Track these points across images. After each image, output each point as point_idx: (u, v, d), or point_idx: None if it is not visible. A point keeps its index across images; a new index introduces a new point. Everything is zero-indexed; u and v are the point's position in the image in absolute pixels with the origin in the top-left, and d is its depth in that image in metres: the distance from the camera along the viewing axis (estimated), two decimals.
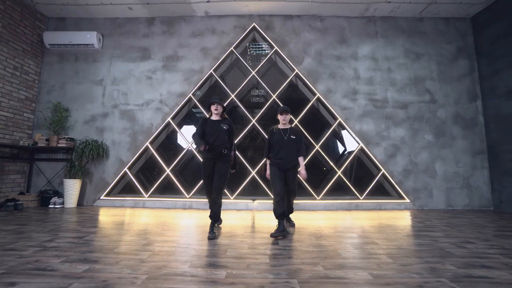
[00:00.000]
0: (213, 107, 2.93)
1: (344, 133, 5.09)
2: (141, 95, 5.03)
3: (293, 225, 3.21)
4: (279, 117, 3.11)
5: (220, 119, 2.96)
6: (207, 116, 3.18)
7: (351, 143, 5.04)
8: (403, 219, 3.69)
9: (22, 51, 4.69)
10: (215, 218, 2.73)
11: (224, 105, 3.31)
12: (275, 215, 2.76)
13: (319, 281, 1.59)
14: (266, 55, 5.21)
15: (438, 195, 4.69)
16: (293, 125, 3.46)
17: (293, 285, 1.53)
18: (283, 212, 2.74)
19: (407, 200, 4.66)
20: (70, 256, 1.94)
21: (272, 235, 2.57)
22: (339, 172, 4.73)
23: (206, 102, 5.22)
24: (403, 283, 1.58)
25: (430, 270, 1.79)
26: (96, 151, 4.59)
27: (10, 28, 4.46)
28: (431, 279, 1.64)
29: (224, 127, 2.87)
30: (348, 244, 2.39)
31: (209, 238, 2.52)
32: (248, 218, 3.70)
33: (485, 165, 4.78)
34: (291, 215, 3.35)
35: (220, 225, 3.12)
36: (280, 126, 3.13)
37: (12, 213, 3.71)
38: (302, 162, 3.04)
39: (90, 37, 4.96)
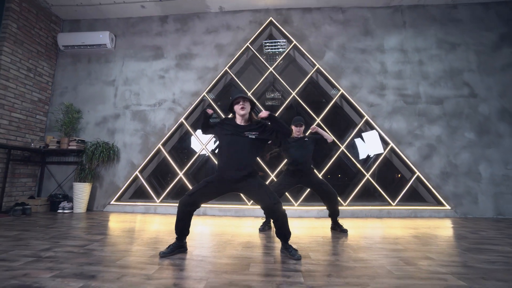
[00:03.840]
0: (238, 107, 2.03)
1: (371, 132, 4.62)
2: (153, 95, 4.82)
3: (344, 231, 2.86)
4: (294, 128, 2.96)
5: (246, 124, 2.09)
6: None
7: (379, 143, 4.56)
8: (448, 229, 3.17)
9: (37, 52, 4.62)
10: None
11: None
12: None
13: None
14: (283, 52, 4.87)
15: (484, 201, 4.10)
16: (314, 125, 3.22)
17: None
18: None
19: (448, 207, 4.09)
20: (64, 270, 1.63)
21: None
22: (367, 175, 4.25)
23: (221, 102, 4.95)
24: None
25: None
26: (107, 154, 4.38)
27: (25, 29, 4.40)
28: None
29: (250, 136, 2.01)
30: (396, 259, 1.95)
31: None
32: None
33: None
34: (341, 221, 3.05)
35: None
36: (294, 135, 2.98)
37: (20, 218, 3.51)
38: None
39: (103, 37, 4.85)
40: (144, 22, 5.12)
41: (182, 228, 2.03)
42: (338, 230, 2.93)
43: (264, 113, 2.01)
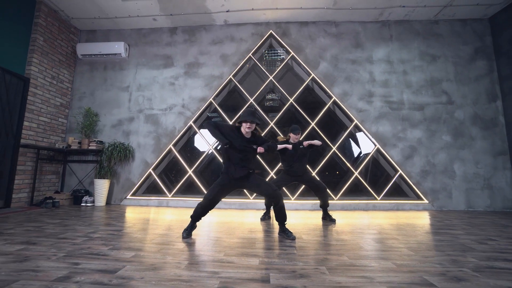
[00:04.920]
0: (246, 125, 2.49)
1: (360, 135, 5.17)
2: (164, 100, 5.32)
3: (333, 220, 3.45)
4: (292, 135, 3.40)
5: (249, 137, 2.58)
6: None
7: (367, 144, 5.12)
8: (422, 219, 3.73)
9: (59, 61, 5.10)
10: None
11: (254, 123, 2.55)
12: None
13: (345, 268, 1.73)
14: (282, 60, 5.40)
15: (457, 196, 4.68)
16: (309, 129, 3.72)
17: (323, 271, 1.67)
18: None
19: (426, 201, 4.67)
20: (116, 245, 2.16)
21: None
22: (356, 173, 4.81)
23: (226, 106, 5.46)
24: (426, 271, 1.69)
25: (452, 261, 1.88)
26: (124, 153, 4.90)
27: (50, 41, 4.88)
28: (453, 268, 1.74)
29: (254, 147, 2.53)
30: (369, 239, 2.50)
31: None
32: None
33: (508, 166, 4.72)
34: (330, 212, 3.75)
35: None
36: (291, 140, 3.44)
37: (51, 210, 4.03)
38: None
39: (118, 47, 5.33)
40: (155, 33, 5.61)
41: (199, 218, 2.60)
42: (328, 219, 3.49)
43: (260, 149, 2.50)
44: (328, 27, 5.41)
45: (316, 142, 3.36)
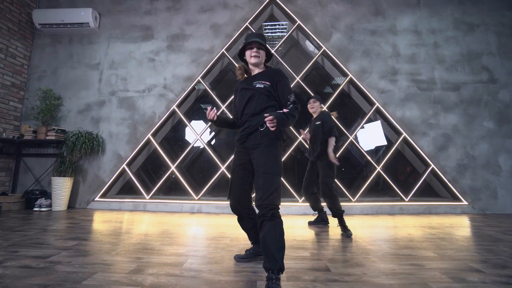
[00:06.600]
0: (250, 53, 1.57)
1: (377, 124, 4.25)
2: (142, 80, 4.34)
3: (348, 235, 2.40)
4: (308, 106, 2.88)
5: (258, 73, 1.61)
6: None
7: (390, 133, 4.20)
8: (472, 228, 2.83)
9: (7, 30, 4.08)
10: None
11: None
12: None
13: None
14: (282, 36, 4.43)
15: (504, 196, 3.78)
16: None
17: None
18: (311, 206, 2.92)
19: (465, 202, 3.77)
20: None
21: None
22: (378, 168, 3.89)
23: (218, 89, 4.50)
24: None
25: None
26: (90, 145, 3.92)
27: None
28: None
29: (258, 85, 1.52)
30: (437, 272, 1.57)
31: None
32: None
33: None
34: (349, 218, 3.00)
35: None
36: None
37: None
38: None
39: (85, 15, 4.32)
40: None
41: (247, 232, 1.77)
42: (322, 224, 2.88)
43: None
44: None
45: (330, 151, 2.62)
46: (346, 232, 2.42)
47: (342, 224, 2.49)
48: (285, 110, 1.40)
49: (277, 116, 1.33)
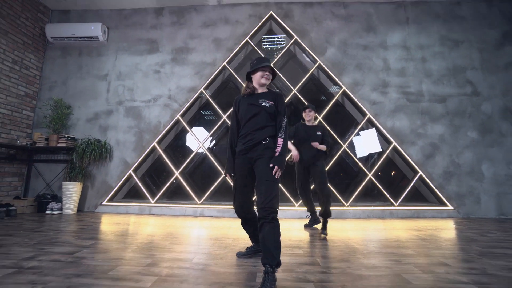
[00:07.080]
0: (262, 74, 1.81)
1: (372, 131, 4.52)
2: (148, 90, 4.61)
3: (325, 234, 2.71)
4: (303, 113, 3.15)
5: (262, 92, 1.87)
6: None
7: (381, 141, 4.47)
8: (454, 230, 3.08)
9: (23, 44, 4.35)
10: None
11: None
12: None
13: None
14: (282, 48, 4.73)
15: (487, 201, 4.05)
16: (316, 122, 3.12)
17: None
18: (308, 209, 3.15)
19: (450, 207, 4.03)
20: (49, 284, 1.45)
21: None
22: (370, 175, 4.15)
23: (219, 99, 4.78)
24: None
25: None
26: (99, 152, 4.17)
27: (10, 19, 4.13)
28: None
29: (264, 104, 1.77)
30: (411, 266, 1.82)
31: None
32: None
33: None
34: (342, 221, 3.21)
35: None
36: (306, 122, 3.15)
37: (3, 220, 3.28)
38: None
39: (95, 29, 4.60)
40: (138, 14, 4.89)
41: (249, 233, 2.04)
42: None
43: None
44: (335, 8, 4.75)
45: (322, 147, 2.94)
46: (324, 231, 2.74)
47: (325, 224, 2.83)
48: (277, 150, 1.69)
49: (278, 164, 1.64)
